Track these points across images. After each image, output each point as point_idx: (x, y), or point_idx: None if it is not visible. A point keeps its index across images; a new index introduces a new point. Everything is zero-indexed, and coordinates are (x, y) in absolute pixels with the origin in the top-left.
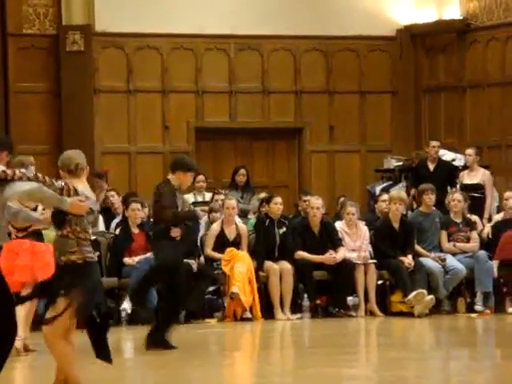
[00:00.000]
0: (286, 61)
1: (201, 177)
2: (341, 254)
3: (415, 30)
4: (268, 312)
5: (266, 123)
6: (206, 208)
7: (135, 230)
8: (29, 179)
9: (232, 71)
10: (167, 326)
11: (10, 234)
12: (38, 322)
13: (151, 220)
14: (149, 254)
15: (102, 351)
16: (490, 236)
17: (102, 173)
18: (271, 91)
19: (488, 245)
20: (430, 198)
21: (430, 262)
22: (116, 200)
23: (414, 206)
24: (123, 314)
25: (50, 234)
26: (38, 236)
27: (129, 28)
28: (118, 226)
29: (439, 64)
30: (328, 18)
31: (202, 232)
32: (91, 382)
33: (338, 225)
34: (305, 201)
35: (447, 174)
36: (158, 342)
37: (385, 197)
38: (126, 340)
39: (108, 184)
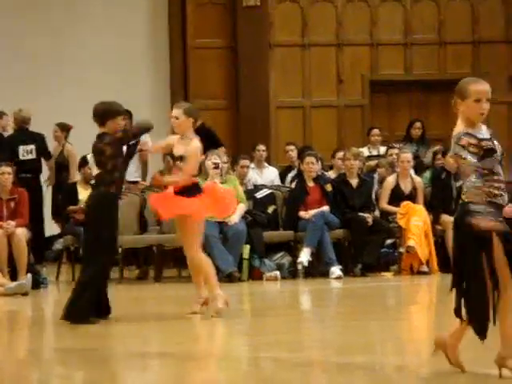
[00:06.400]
0: (463, 10)
1: (375, 130)
2: None
3: None
4: (445, 266)
5: (442, 75)
6: (383, 161)
7: (310, 184)
8: None
9: (407, 22)
10: None
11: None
12: None
13: (323, 173)
14: (324, 208)
15: None
16: None
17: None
18: (448, 42)
19: None
20: None
21: None
22: (293, 154)
23: None
24: (299, 267)
25: None
26: None
27: None
28: (293, 179)
29: None
30: None
31: (376, 186)
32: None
33: None
34: None
35: None
36: None
37: None
38: (303, 292)
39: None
